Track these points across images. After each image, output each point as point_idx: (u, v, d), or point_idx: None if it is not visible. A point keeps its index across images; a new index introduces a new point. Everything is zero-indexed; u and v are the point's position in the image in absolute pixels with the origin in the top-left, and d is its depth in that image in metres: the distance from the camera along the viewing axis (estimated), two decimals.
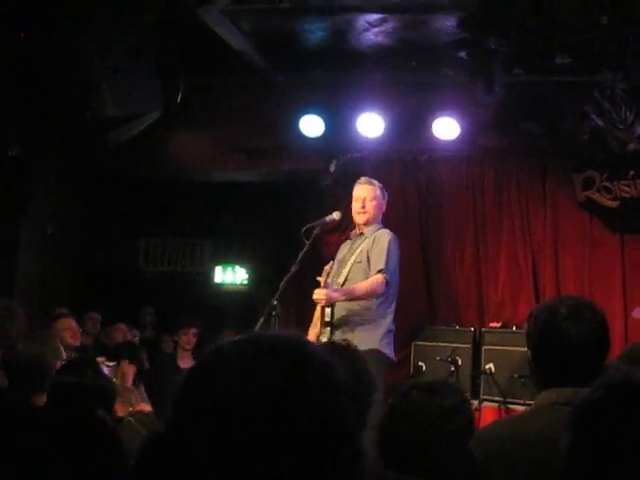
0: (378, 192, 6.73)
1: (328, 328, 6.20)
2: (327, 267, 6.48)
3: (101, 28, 6.81)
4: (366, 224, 6.62)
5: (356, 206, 6.62)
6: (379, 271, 6.31)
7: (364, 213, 6.60)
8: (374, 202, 6.65)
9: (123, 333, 8.71)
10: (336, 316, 6.28)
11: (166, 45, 7.67)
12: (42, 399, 3.51)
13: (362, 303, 6.34)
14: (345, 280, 6.46)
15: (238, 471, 1.10)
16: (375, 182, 6.80)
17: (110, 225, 10.70)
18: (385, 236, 6.49)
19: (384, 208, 6.75)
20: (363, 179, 6.83)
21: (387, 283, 6.32)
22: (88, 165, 9.39)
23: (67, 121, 7.41)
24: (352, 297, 6.26)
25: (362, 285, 6.29)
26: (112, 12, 6.79)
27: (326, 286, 6.18)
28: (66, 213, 10.02)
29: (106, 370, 6.79)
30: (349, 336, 6.18)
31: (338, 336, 6.08)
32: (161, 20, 7.14)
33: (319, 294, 6.16)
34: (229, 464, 1.10)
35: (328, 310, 6.24)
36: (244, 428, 1.10)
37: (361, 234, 6.64)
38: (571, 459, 1.57)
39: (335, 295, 6.21)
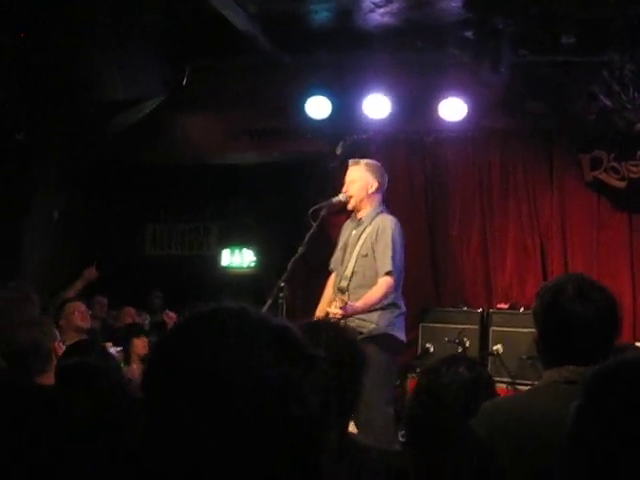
0: (363, 171, 6.47)
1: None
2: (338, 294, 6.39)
3: (106, 13, 6.79)
4: (356, 208, 6.50)
5: (343, 190, 6.51)
6: (387, 273, 6.25)
7: (348, 197, 6.48)
8: (358, 183, 6.42)
9: (132, 317, 8.74)
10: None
11: (172, 28, 7.65)
12: (47, 379, 3.52)
13: None
14: (352, 273, 6.41)
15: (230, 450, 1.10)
16: (362, 161, 6.55)
17: (116, 211, 10.69)
18: (387, 227, 6.32)
19: (375, 186, 6.45)
20: (351, 161, 6.64)
21: (395, 281, 6.28)
22: (93, 151, 9.38)
23: (72, 105, 7.40)
24: (369, 308, 6.21)
25: (375, 294, 6.18)
26: None
27: (343, 307, 6.10)
28: (71, 199, 10.02)
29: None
30: (360, 324, 6.18)
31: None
32: (167, 3, 7.13)
33: (336, 313, 6.09)
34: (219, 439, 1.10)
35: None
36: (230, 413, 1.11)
37: (360, 220, 6.51)
38: (577, 432, 1.56)
39: (354, 314, 6.15)
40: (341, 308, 6.01)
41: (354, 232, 6.51)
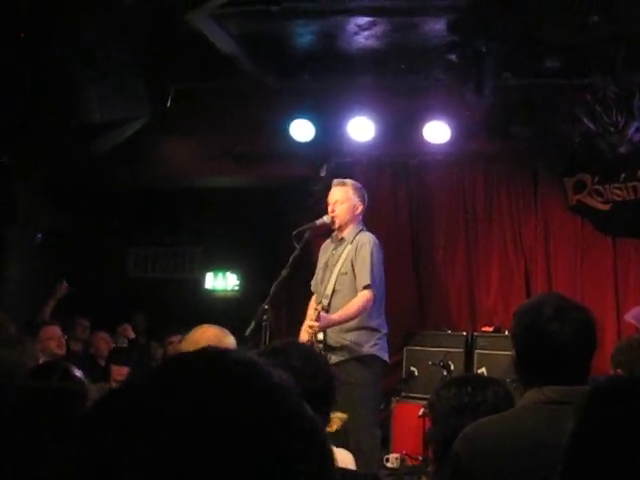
0: (351, 193, 6.52)
1: (321, 345, 6.12)
2: (316, 305, 6.34)
3: (87, 34, 6.76)
4: (340, 228, 6.51)
5: (328, 210, 6.52)
6: (365, 287, 6.24)
7: (334, 217, 6.49)
8: (345, 204, 6.46)
9: (106, 342, 8.63)
10: (328, 329, 6.22)
11: (155, 50, 7.63)
12: None
13: None
14: (333, 291, 6.39)
15: None
16: (349, 182, 6.61)
17: (99, 234, 10.63)
18: (366, 244, 6.35)
19: (360, 208, 6.51)
20: (336, 181, 6.68)
21: (374, 295, 6.26)
22: (75, 173, 9.32)
23: (53, 129, 7.37)
24: (345, 321, 6.19)
25: (352, 307, 6.20)
26: (98, 19, 6.75)
27: (318, 318, 6.07)
28: (54, 222, 9.95)
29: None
30: (344, 344, 6.16)
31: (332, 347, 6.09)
32: (149, 25, 7.10)
33: (313, 326, 6.06)
34: None
35: (320, 333, 6.17)
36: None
37: (341, 239, 6.52)
38: (574, 447, 1.53)
39: (328, 325, 6.14)
40: (316, 320, 6.00)
41: (335, 251, 6.51)
